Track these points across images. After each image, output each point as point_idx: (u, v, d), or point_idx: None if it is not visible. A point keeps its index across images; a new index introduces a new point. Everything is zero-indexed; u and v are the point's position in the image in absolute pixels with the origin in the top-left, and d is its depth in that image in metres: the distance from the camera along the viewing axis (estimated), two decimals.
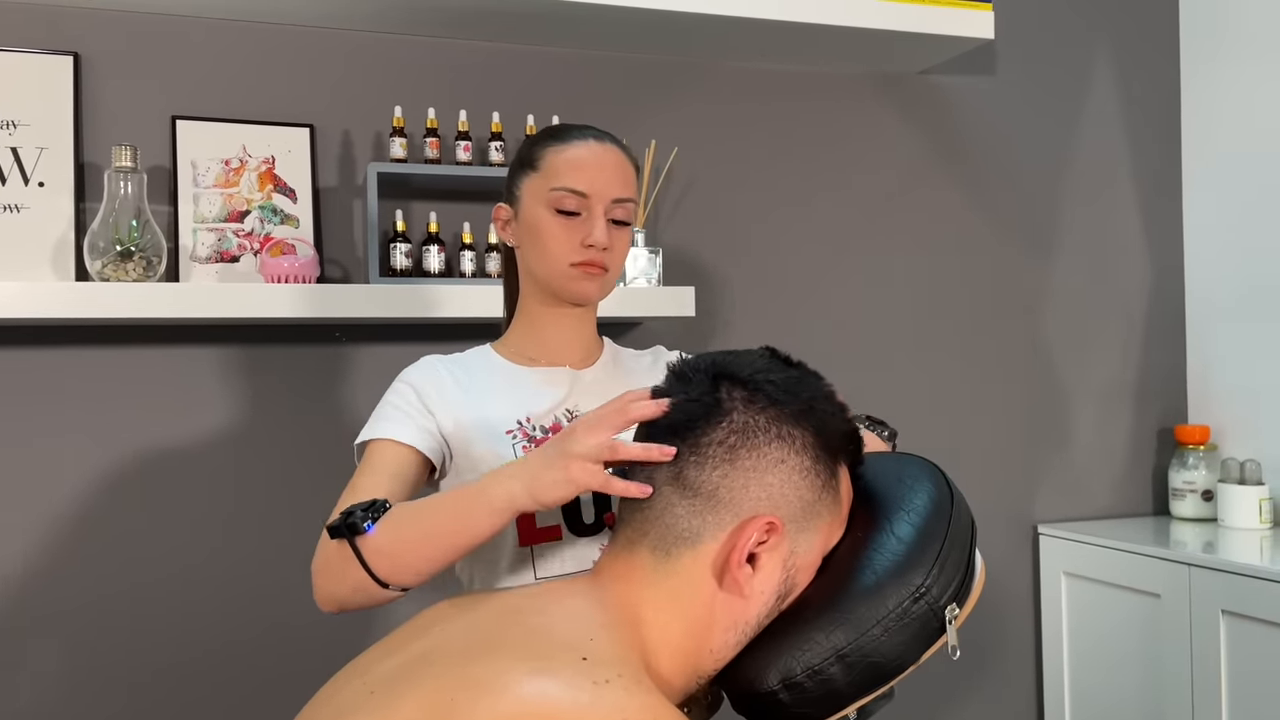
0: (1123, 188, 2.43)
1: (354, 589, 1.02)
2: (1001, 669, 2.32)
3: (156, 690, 1.78)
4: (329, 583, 1.04)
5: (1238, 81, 2.33)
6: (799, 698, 0.88)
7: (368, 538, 1.00)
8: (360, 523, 1.00)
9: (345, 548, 1.01)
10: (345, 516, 1.01)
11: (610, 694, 0.76)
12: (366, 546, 1.00)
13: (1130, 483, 2.42)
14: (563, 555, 1.16)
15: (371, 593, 1.01)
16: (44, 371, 1.75)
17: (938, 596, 0.88)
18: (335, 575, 1.03)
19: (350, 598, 1.04)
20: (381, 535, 1.00)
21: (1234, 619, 1.85)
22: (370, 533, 1.00)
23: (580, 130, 1.22)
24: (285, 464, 1.86)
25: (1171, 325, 2.45)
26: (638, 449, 0.90)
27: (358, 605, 1.04)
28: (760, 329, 2.12)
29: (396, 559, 1.00)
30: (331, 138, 1.90)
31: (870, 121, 2.24)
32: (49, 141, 1.72)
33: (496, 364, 1.24)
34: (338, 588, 1.04)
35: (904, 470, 0.99)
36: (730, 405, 0.89)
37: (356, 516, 1.00)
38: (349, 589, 1.02)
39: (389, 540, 1.00)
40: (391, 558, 1.00)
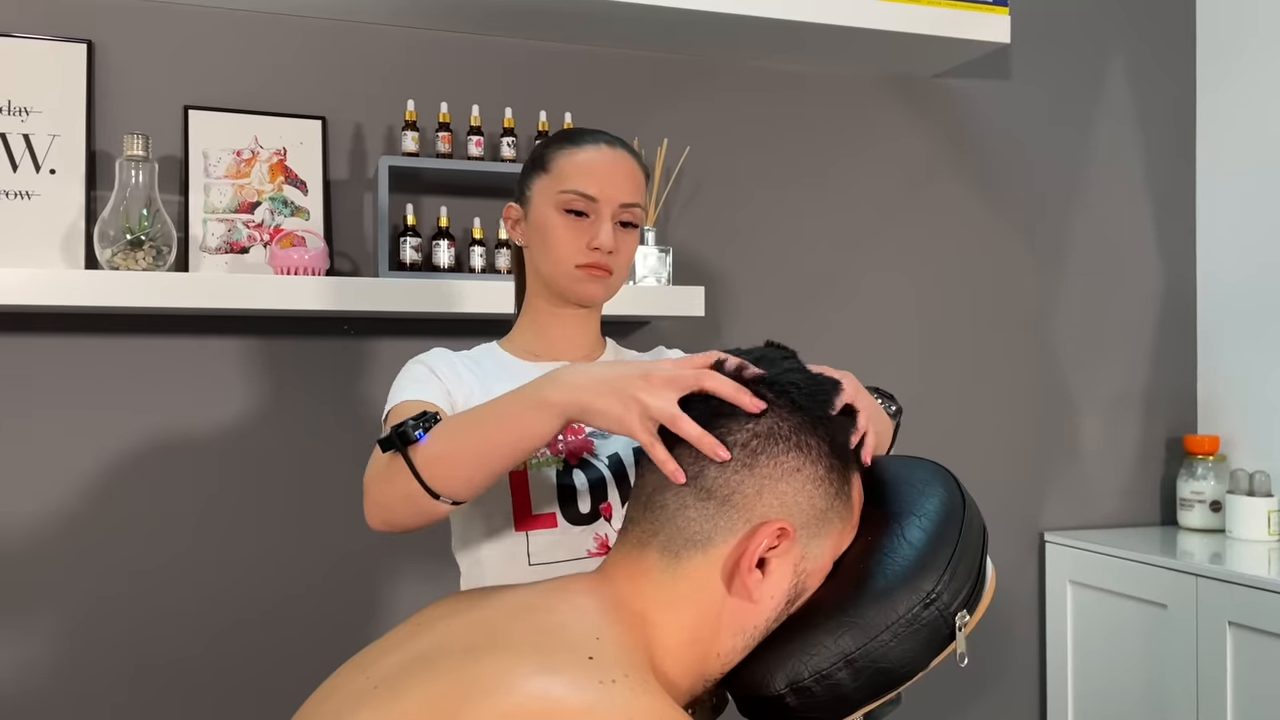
0: (1136, 195, 2.42)
1: (405, 498, 1.00)
2: (1005, 676, 2.31)
3: (161, 680, 1.78)
4: (380, 495, 1.03)
5: (1254, 90, 2.32)
6: (806, 702, 0.87)
7: (420, 447, 0.98)
8: (411, 432, 0.98)
9: (397, 459, 0.99)
10: (397, 428, 0.99)
11: (616, 694, 0.75)
12: (419, 456, 0.98)
13: (1138, 492, 2.41)
14: (557, 543, 1.17)
15: (422, 505, 1.00)
16: (52, 359, 1.75)
17: (948, 603, 0.88)
18: (386, 487, 1.02)
19: (400, 509, 1.02)
20: (433, 444, 0.99)
21: (1241, 631, 1.84)
22: (422, 442, 0.99)
23: (593, 135, 1.24)
24: (292, 455, 1.85)
25: (1182, 334, 2.44)
26: (696, 433, 0.87)
27: (407, 521, 1.03)
28: (769, 330, 2.11)
29: (449, 466, 0.98)
30: (343, 130, 1.90)
31: (883, 124, 2.24)
32: (61, 129, 1.72)
33: (502, 359, 1.26)
34: (388, 499, 1.02)
35: (916, 474, 0.98)
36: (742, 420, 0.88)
37: (408, 426, 0.99)
38: (399, 499, 1.01)
39: (441, 448, 0.99)
40: (444, 464, 0.98)
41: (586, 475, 1.19)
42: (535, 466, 1.17)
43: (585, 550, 1.17)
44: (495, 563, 1.17)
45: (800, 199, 2.18)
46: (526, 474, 1.17)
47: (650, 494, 0.91)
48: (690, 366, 0.91)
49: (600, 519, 1.18)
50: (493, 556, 1.17)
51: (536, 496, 1.17)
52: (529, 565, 1.16)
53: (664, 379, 0.90)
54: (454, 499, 1.00)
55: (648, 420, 0.89)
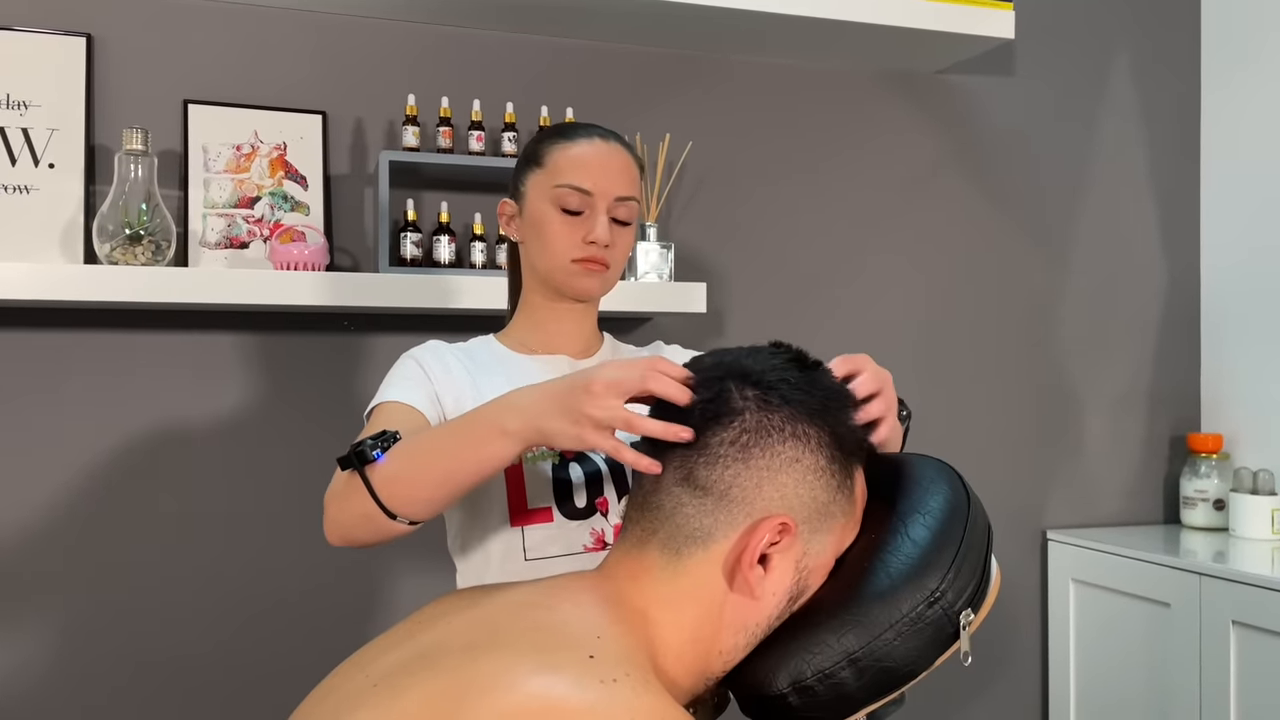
0: (1140, 193, 2.41)
1: (363, 517, 1.01)
2: (1008, 675, 2.30)
3: (158, 678, 1.77)
4: (338, 513, 1.04)
5: (1259, 88, 2.31)
6: (808, 701, 0.86)
7: (377, 466, 0.99)
8: (369, 451, 0.99)
9: (355, 478, 1.00)
10: (355, 447, 1.00)
11: (617, 693, 0.74)
12: (376, 475, 0.99)
13: (1141, 490, 2.40)
14: (552, 537, 1.16)
15: (379, 524, 1.00)
16: (51, 354, 1.74)
17: (953, 601, 0.87)
18: (344, 505, 1.03)
19: (358, 527, 1.03)
20: (391, 464, 0.99)
21: (1244, 630, 1.83)
22: (380, 461, 0.99)
23: (586, 129, 1.23)
24: (291, 451, 1.85)
25: (1186, 332, 2.43)
26: (657, 426, 0.87)
27: (365, 538, 1.04)
28: (771, 327, 2.10)
29: (405, 486, 0.99)
30: (344, 125, 1.89)
31: (886, 120, 2.23)
32: (60, 123, 1.71)
33: (498, 352, 1.26)
34: (346, 517, 1.03)
35: (920, 472, 0.98)
36: (742, 405, 0.87)
37: (366, 445, 0.99)
38: (357, 517, 1.01)
39: (398, 468, 0.99)
40: (400, 485, 0.99)
41: (582, 469, 1.18)
42: (531, 461, 1.17)
43: (581, 545, 1.17)
44: (491, 557, 1.17)
45: (803, 195, 2.17)
46: (522, 468, 1.16)
47: (647, 493, 0.90)
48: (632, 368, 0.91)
49: (596, 513, 1.18)
50: (488, 551, 1.17)
51: (532, 491, 1.16)
52: (525, 560, 1.16)
53: (605, 385, 0.90)
54: (411, 519, 1.01)
55: (603, 430, 0.90)
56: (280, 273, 1.68)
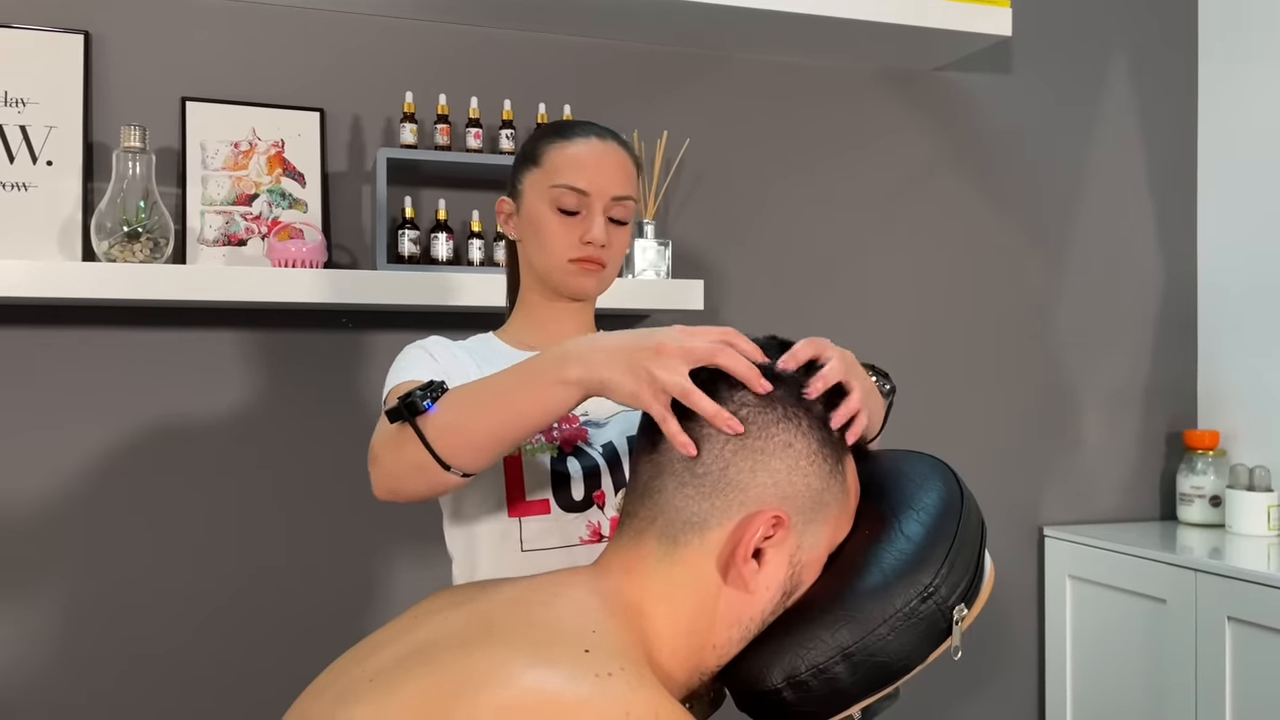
0: (1137, 190, 2.41)
1: (414, 469, 0.99)
2: (1004, 671, 2.31)
3: (156, 672, 1.78)
4: (391, 464, 1.01)
5: (1256, 85, 2.31)
6: (803, 696, 0.87)
7: (429, 417, 0.97)
8: (420, 402, 0.97)
9: (405, 430, 0.98)
10: (404, 399, 0.98)
11: (613, 687, 0.75)
12: (429, 426, 0.97)
13: (1138, 487, 2.41)
14: (549, 529, 1.17)
15: (432, 475, 0.98)
16: (49, 351, 1.74)
17: (946, 596, 0.87)
18: (396, 455, 1.01)
19: (408, 478, 1.00)
20: (443, 414, 0.97)
21: (1240, 626, 1.84)
22: (431, 411, 0.97)
23: (583, 127, 1.23)
24: (290, 447, 1.85)
25: (1183, 329, 2.44)
26: (710, 407, 0.87)
27: (416, 490, 1.01)
28: (768, 324, 2.09)
29: (459, 435, 0.97)
30: (341, 122, 1.89)
31: (883, 117, 2.23)
32: (58, 120, 1.71)
33: (498, 349, 1.26)
34: (398, 468, 1.01)
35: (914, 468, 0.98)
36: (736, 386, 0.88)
37: (416, 396, 0.97)
38: (408, 469, 0.99)
39: (450, 416, 0.97)
40: (454, 435, 0.97)
41: (580, 463, 1.19)
42: (529, 452, 1.17)
43: (578, 537, 1.17)
44: (488, 548, 1.17)
45: (800, 192, 2.17)
46: (520, 459, 1.17)
47: (646, 482, 0.91)
48: (703, 338, 0.90)
49: (593, 506, 1.18)
50: (485, 542, 1.17)
51: (530, 482, 1.17)
52: (521, 551, 1.16)
53: (677, 350, 0.89)
54: (465, 470, 0.99)
55: (661, 393, 0.88)
56: (278, 270, 1.69)
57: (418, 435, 0.97)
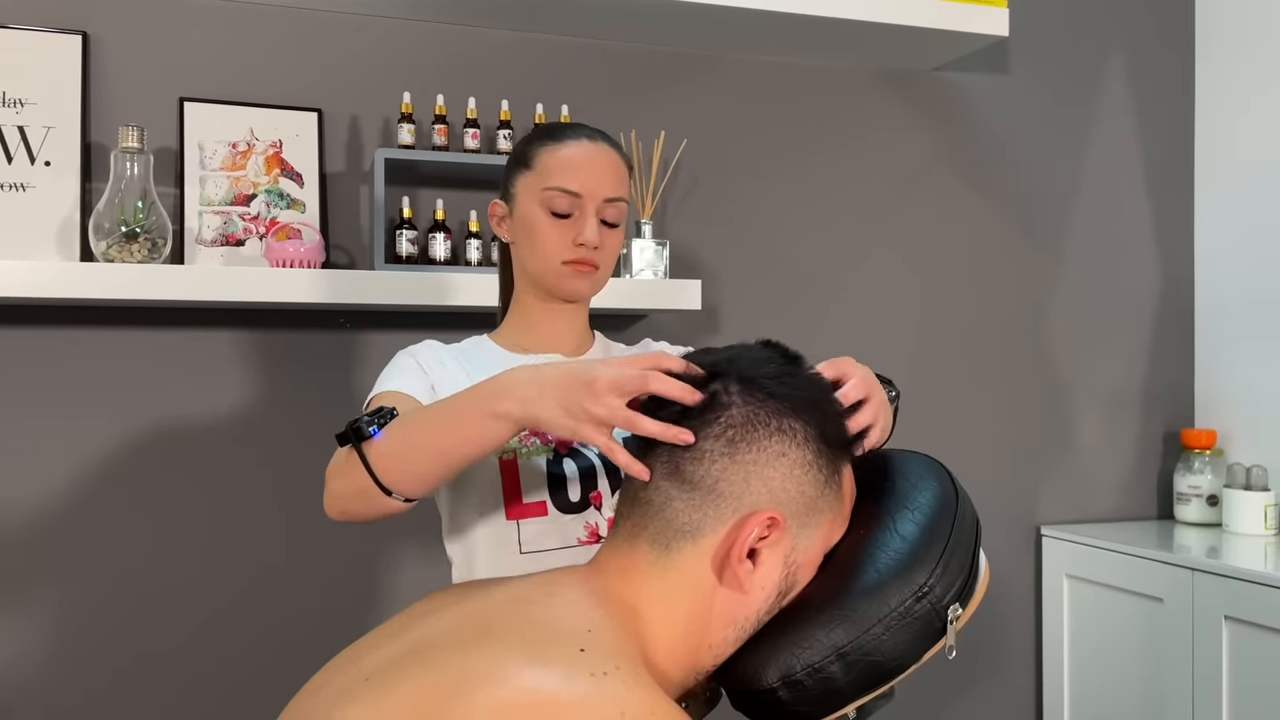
0: (1134, 190, 2.41)
1: (359, 492, 1.02)
2: (1002, 670, 2.31)
3: (154, 671, 1.78)
4: (338, 486, 1.05)
5: (1253, 86, 2.31)
6: (798, 695, 0.87)
7: (374, 443, 1.01)
8: (366, 428, 1.01)
9: (354, 454, 1.02)
10: (352, 423, 1.02)
11: (608, 686, 0.75)
12: (372, 451, 1.00)
13: (1135, 486, 2.41)
14: (547, 531, 1.18)
15: (374, 499, 1.02)
16: (47, 352, 1.74)
17: (940, 596, 0.87)
18: (343, 480, 1.04)
19: (354, 502, 1.04)
20: (386, 440, 1.01)
21: (1237, 625, 1.84)
22: (376, 438, 1.01)
23: (574, 129, 1.24)
24: (288, 447, 1.85)
25: (1180, 329, 2.44)
26: (656, 429, 0.88)
27: (361, 513, 1.05)
28: (765, 324, 2.11)
29: (400, 463, 1.00)
30: (339, 123, 1.89)
31: (881, 117, 2.23)
32: (56, 121, 1.71)
33: (492, 351, 1.26)
34: (344, 491, 1.04)
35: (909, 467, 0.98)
36: (727, 400, 0.88)
37: (363, 422, 1.01)
38: (354, 492, 1.03)
39: (393, 445, 1.01)
40: (396, 461, 1.00)
41: (576, 464, 1.19)
42: (525, 455, 1.18)
43: (575, 538, 1.18)
44: (486, 551, 1.18)
45: (797, 192, 2.17)
46: (517, 462, 1.17)
47: (637, 488, 0.91)
48: (634, 366, 0.91)
49: (590, 507, 1.19)
50: (484, 545, 1.18)
51: (527, 485, 1.17)
52: (520, 553, 1.17)
53: (608, 384, 0.90)
54: (405, 496, 1.02)
55: (601, 428, 0.91)
56: (276, 270, 1.69)
57: (362, 460, 1.00)
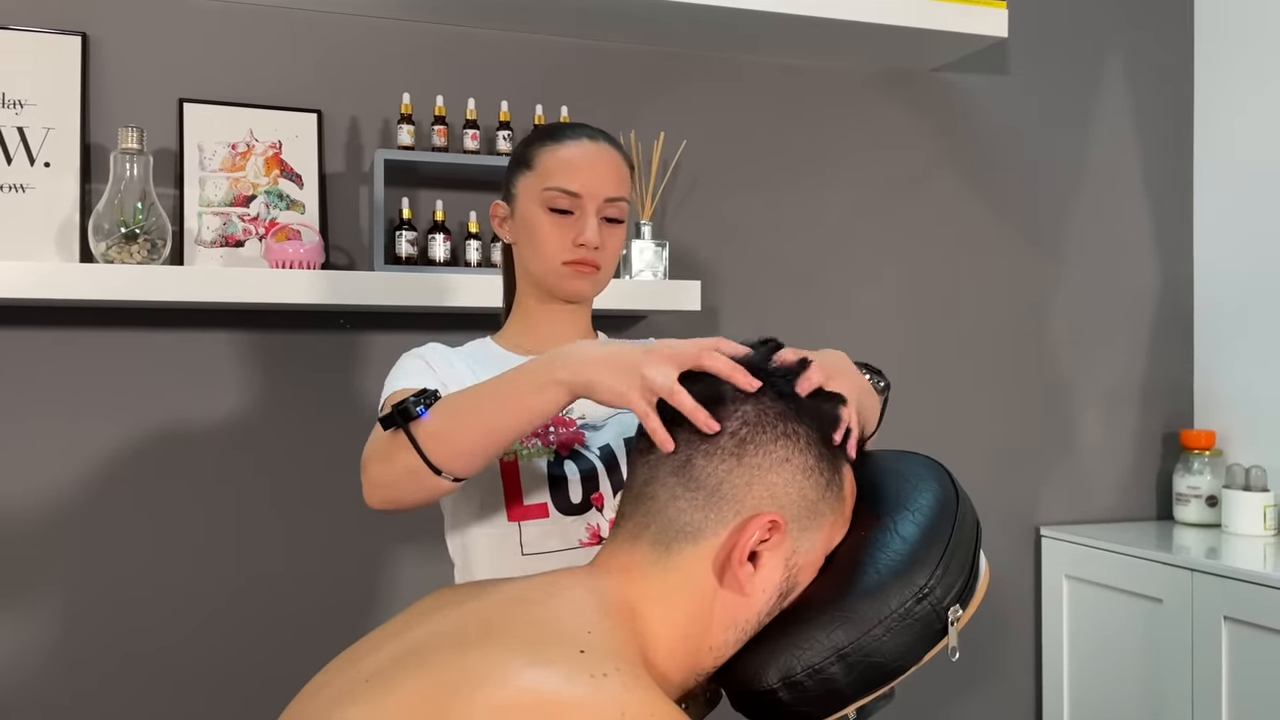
0: (1133, 190, 2.41)
1: (407, 475, 1.00)
2: (1001, 671, 2.31)
3: (154, 673, 1.78)
4: (381, 470, 1.03)
5: (1252, 86, 2.31)
6: (798, 696, 0.87)
7: (422, 423, 0.99)
8: (413, 408, 0.99)
9: (399, 436, 1.00)
10: (398, 405, 1.00)
11: (608, 687, 0.75)
12: (421, 431, 0.99)
13: (1134, 487, 2.41)
14: (549, 532, 1.17)
15: (425, 481, 1.00)
16: (46, 352, 1.74)
17: (941, 597, 0.87)
18: (387, 465, 1.02)
19: (401, 485, 1.02)
20: (435, 420, 0.99)
21: (1236, 625, 1.84)
22: (424, 418, 0.99)
23: (575, 129, 1.24)
24: (287, 448, 1.85)
25: (1179, 329, 2.44)
26: (690, 404, 0.88)
27: (409, 497, 1.03)
28: (765, 324, 2.11)
29: (451, 441, 0.99)
30: (339, 124, 1.89)
31: (880, 118, 2.23)
32: (55, 121, 1.71)
33: (495, 353, 1.26)
34: (390, 476, 1.02)
35: (909, 468, 0.98)
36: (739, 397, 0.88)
37: (410, 403, 0.99)
38: (402, 475, 1.01)
39: (443, 424, 0.99)
40: (446, 440, 0.99)
41: (578, 465, 1.19)
42: (526, 457, 1.17)
43: (577, 540, 1.18)
44: (488, 553, 1.18)
45: (797, 193, 2.17)
46: (518, 464, 1.17)
47: (641, 486, 0.91)
48: (692, 345, 0.92)
49: (592, 509, 1.19)
50: (485, 546, 1.18)
51: (528, 486, 1.17)
52: (521, 555, 1.17)
53: (665, 355, 0.91)
54: (456, 475, 1.00)
55: (647, 392, 0.90)
56: (275, 271, 1.69)
57: (410, 441, 0.98)
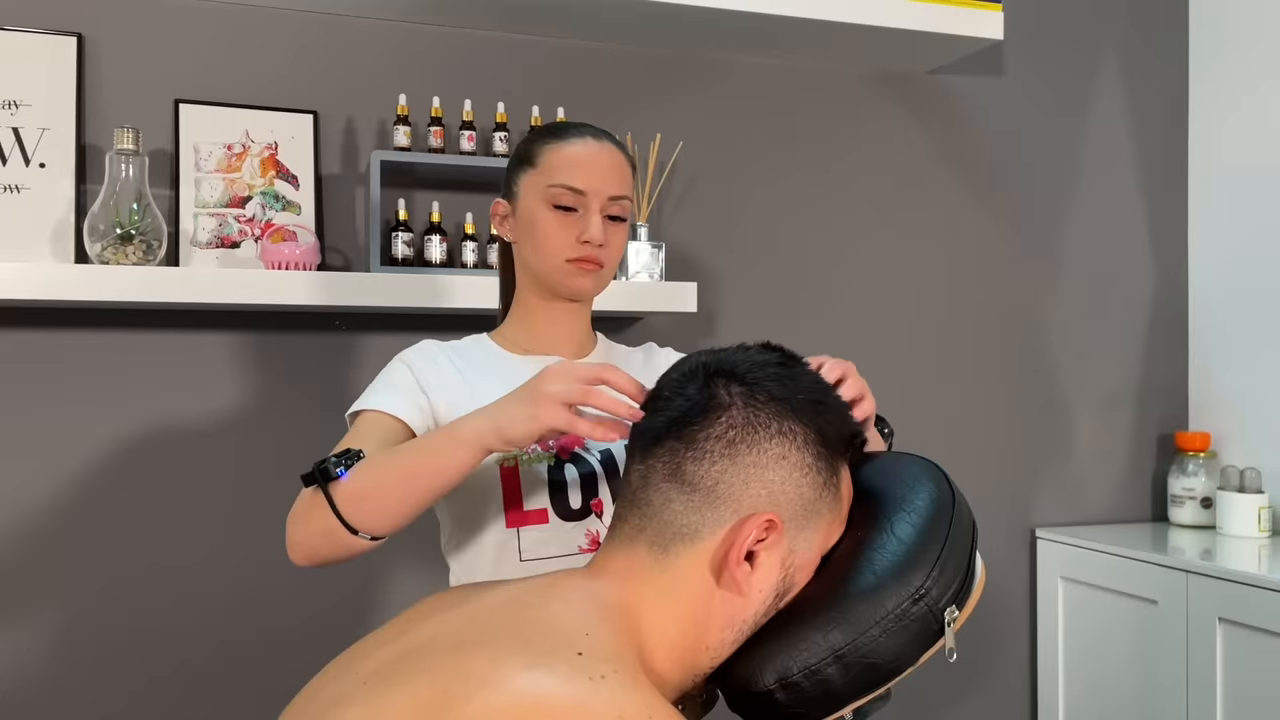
0: (1128, 193, 2.42)
1: (324, 534, 1.04)
2: (996, 671, 2.31)
3: (148, 675, 1.77)
4: (301, 529, 1.06)
5: (1246, 88, 2.32)
6: (795, 697, 0.87)
7: (340, 484, 1.02)
8: (333, 469, 1.02)
9: (317, 495, 1.03)
10: (319, 464, 1.03)
11: (605, 690, 0.75)
12: (339, 492, 1.02)
13: (1129, 488, 2.41)
14: (548, 538, 1.17)
15: (341, 539, 1.03)
16: (41, 353, 1.74)
17: (937, 598, 0.87)
18: (307, 522, 1.05)
19: (321, 545, 1.05)
20: (354, 481, 1.02)
21: (1231, 627, 1.85)
22: (343, 479, 1.02)
23: (578, 128, 1.24)
24: (283, 450, 1.85)
25: (1174, 331, 2.45)
26: (606, 398, 0.92)
27: (329, 555, 1.06)
28: (761, 326, 2.11)
29: (367, 503, 1.02)
30: (335, 125, 1.89)
31: (877, 120, 2.24)
32: (51, 122, 1.71)
33: (492, 352, 1.26)
34: (309, 534, 1.06)
35: (905, 470, 0.98)
36: (729, 401, 0.88)
37: (330, 463, 1.03)
38: (319, 534, 1.04)
39: (360, 485, 1.02)
40: (362, 502, 1.02)
41: (578, 470, 1.19)
42: (526, 462, 1.17)
43: (577, 546, 1.17)
44: (486, 559, 1.17)
45: (793, 195, 2.18)
46: (517, 469, 1.16)
47: (636, 489, 0.91)
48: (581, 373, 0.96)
49: (591, 514, 1.18)
50: (484, 553, 1.17)
51: (527, 492, 1.17)
52: (520, 561, 1.16)
53: (560, 372, 0.96)
54: (372, 534, 1.03)
55: (557, 405, 0.94)
56: (271, 272, 1.69)
57: (328, 501, 1.02)
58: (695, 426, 0.88)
